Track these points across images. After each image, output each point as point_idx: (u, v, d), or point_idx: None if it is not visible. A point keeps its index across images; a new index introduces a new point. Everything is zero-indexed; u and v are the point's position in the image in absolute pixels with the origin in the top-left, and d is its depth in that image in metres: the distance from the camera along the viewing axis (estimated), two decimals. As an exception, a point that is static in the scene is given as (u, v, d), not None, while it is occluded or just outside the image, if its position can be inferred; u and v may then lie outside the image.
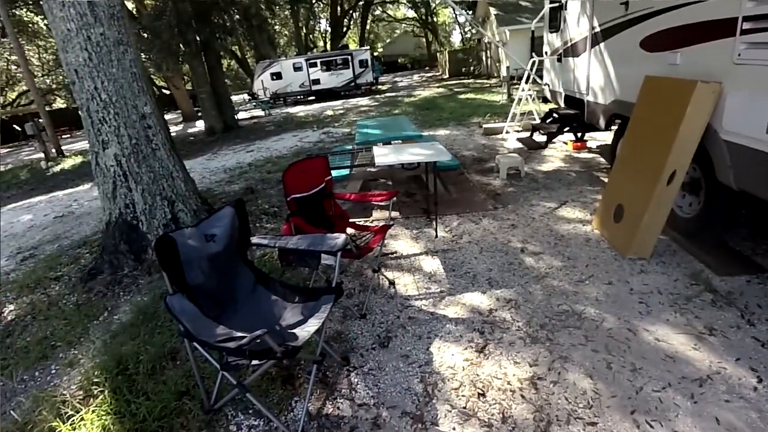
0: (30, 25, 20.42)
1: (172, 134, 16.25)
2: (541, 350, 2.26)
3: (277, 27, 35.73)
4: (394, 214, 4.37)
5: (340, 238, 2.21)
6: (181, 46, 12.00)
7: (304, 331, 1.98)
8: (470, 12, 28.46)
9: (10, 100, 29.10)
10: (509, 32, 19.52)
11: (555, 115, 5.49)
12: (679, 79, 2.89)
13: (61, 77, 24.37)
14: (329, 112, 15.78)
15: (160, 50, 11.76)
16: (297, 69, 24.28)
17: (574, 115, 4.96)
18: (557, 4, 5.57)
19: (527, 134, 6.92)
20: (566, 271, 2.96)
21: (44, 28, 20.25)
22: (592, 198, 4.18)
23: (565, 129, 5.17)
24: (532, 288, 2.81)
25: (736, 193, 2.62)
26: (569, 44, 5.19)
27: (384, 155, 3.64)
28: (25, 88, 25.11)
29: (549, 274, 2.95)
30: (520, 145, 6.88)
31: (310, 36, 40.70)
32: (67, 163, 12.53)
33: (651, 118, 3.02)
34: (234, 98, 29.93)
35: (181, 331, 1.63)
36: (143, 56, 13.49)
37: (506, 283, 2.90)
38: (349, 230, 3.31)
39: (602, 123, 4.38)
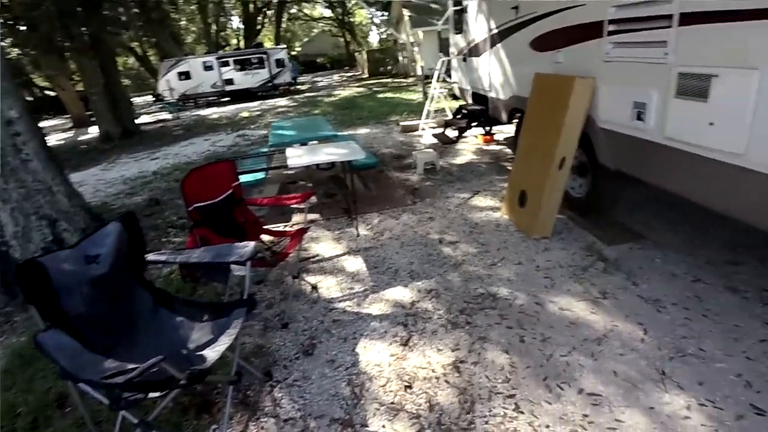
0: None
1: (59, 142, 14.35)
2: (461, 334, 2.34)
3: (183, 22, 33.40)
4: (315, 216, 4.29)
5: (249, 247, 2.10)
6: (65, 40, 10.50)
7: (214, 351, 1.85)
8: (386, 13, 29.02)
9: None
10: (422, 33, 20.17)
11: (464, 111, 5.78)
12: (562, 75, 3.18)
13: None
14: (245, 114, 15.09)
15: (38, 45, 10.20)
16: (208, 68, 22.74)
17: (481, 111, 5.26)
18: (459, 8, 5.86)
19: (441, 130, 7.20)
20: (480, 256, 3.11)
21: None
22: (501, 186, 4.46)
23: (474, 124, 5.47)
24: (450, 276, 2.91)
25: (615, 172, 2.95)
26: (472, 45, 5.47)
27: (298, 156, 3.54)
28: None
29: (465, 260, 3.08)
30: (435, 140, 7.13)
31: (222, 33, 38.58)
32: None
33: (542, 111, 3.30)
34: (138, 100, 27.49)
35: (59, 372, 1.42)
36: (16, 51, 11.68)
37: (427, 274, 2.97)
38: (265, 237, 3.18)
39: (504, 117, 4.69)
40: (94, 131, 14.34)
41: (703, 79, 2.09)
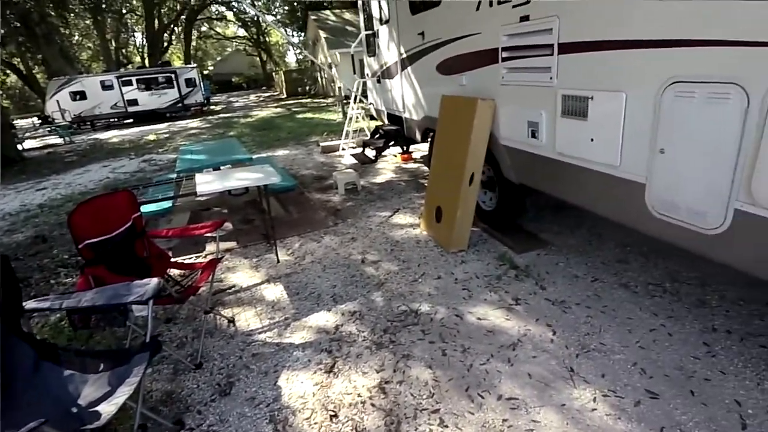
0: None
1: None
2: (386, 354, 2.33)
3: (76, 38, 30.34)
4: (231, 244, 4.06)
5: (150, 284, 1.91)
6: None
7: (111, 405, 1.63)
8: (302, 34, 29.06)
9: None
10: (339, 54, 20.53)
11: (381, 131, 5.93)
12: (466, 97, 3.41)
13: None
14: (151, 137, 14.01)
15: None
16: (107, 87, 20.81)
17: (397, 131, 5.44)
18: (371, 32, 6.05)
19: (361, 150, 7.31)
20: (402, 273, 3.16)
21: None
22: (419, 203, 4.61)
23: (390, 144, 5.63)
24: (374, 296, 2.91)
25: (518, 185, 3.20)
26: (385, 68, 5.67)
27: (207, 183, 3.33)
28: None
29: (388, 279, 3.10)
30: (355, 161, 7.21)
31: (123, 50, 35.69)
32: None
33: (450, 131, 3.50)
34: (22, 122, 24.11)
35: None
36: None
37: (350, 296, 2.93)
38: (174, 271, 2.92)
39: (418, 136, 4.90)
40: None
41: (582, 101, 2.37)
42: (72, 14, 19.76)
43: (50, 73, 21.41)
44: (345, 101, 14.18)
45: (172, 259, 2.90)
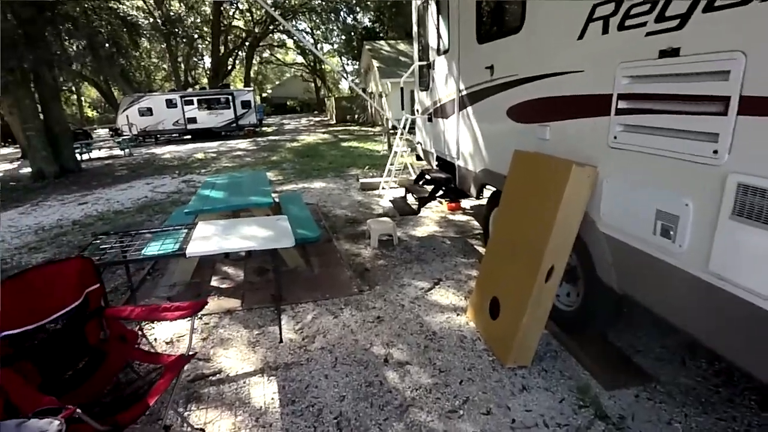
0: None
1: (-2, 173, 12.90)
2: None
3: (154, 60, 32.78)
4: (234, 303, 3.39)
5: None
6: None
7: None
8: (356, 62, 29.55)
9: None
10: (390, 84, 20.34)
11: (427, 177, 5.17)
12: (553, 157, 2.53)
13: None
14: (199, 156, 14.14)
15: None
16: (171, 105, 22.13)
17: (446, 180, 4.64)
18: (425, 63, 5.39)
19: (402, 193, 6.58)
20: (437, 393, 2.29)
21: None
22: (467, 275, 3.73)
23: (437, 195, 4.84)
24: (392, 429, 2.06)
25: (620, 296, 2.24)
26: (438, 104, 4.97)
27: (202, 240, 2.68)
28: None
29: (416, 400, 2.24)
30: (394, 206, 6.47)
31: (192, 72, 38.02)
32: None
33: (523, 200, 2.62)
34: (100, 132, 25.84)
35: None
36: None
37: (360, 423, 2.10)
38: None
39: (473, 191, 4.04)
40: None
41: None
42: (144, 38, 21.15)
43: (126, 91, 23.06)
44: (392, 132, 13.74)
45: (137, 345, 2.23)
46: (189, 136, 22.37)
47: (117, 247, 2.90)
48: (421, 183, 5.41)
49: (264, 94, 53.00)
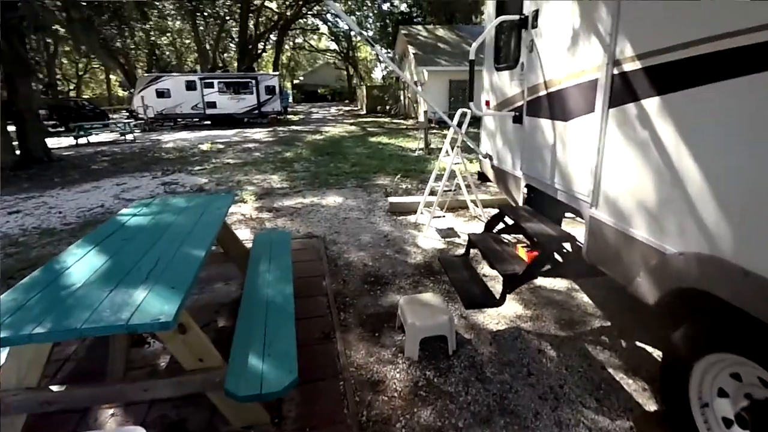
0: None
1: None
2: None
3: (186, 41, 31.20)
4: None
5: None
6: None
7: None
8: (389, 50, 27.00)
9: None
10: (427, 72, 17.90)
11: (508, 220, 2.77)
12: None
13: None
14: (204, 147, 12.20)
15: None
16: (190, 88, 20.33)
17: (560, 239, 2.28)
18: (517, 18, 3.06)
19: (458, 234, 4.26)
20: None
21: None
22: None
23: (543, 268, 2.42)
24: None
25: None
26: (545, 92, 2.68)
27: None
28: None
29: None
30: (440, 239, 4.19)
31: (223, 55, 36.41)
32: None
33: None
34: (116, 115, 24.44)
35: None
36: None
37: None
38: None
39: (652, 298, 1.67)
40: None
41: None
42: (160, 16, 19.23)
43: (148, 69, 21.21)
44: (429, 127, 11.41)
45: None
46: (209, 122, 20.62)
47: None
48: (496, 231, 3.03)
49: (296, 81, 51.29)
